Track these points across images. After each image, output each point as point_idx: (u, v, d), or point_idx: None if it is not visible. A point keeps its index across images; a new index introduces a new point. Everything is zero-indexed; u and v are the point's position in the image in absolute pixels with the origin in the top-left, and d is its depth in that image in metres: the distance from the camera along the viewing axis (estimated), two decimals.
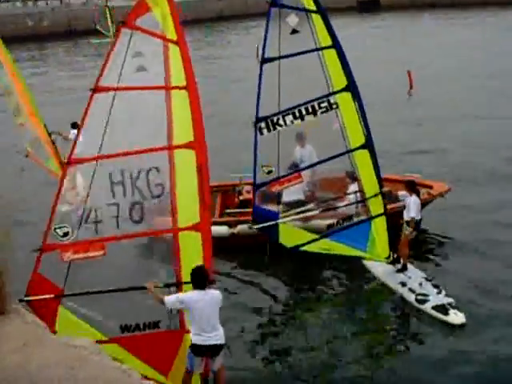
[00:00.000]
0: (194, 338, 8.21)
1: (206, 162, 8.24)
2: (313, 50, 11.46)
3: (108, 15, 57.06)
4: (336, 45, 11.50)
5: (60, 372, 6.74)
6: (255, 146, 11.67)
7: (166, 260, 8.71)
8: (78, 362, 7.04)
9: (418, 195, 12.50)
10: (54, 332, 8.27)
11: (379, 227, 12.22)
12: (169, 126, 8.22)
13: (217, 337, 8.19)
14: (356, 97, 11.59)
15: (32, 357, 6.99)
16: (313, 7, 11.28)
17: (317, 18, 11.33)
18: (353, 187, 12.74)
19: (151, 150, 8.22)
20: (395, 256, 12.50)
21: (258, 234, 12.31)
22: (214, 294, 8.23)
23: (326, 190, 12.98)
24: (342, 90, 11.57)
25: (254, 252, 12.72)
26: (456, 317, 10.99)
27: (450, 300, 11.40)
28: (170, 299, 8.19)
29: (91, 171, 8.10)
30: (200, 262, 8.29)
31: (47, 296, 8.30)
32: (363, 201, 12.17)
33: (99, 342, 8.28)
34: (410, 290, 11.86)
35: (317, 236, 12.20)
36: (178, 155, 8.21)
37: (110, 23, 56.92)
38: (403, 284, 12.08)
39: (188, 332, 8.42)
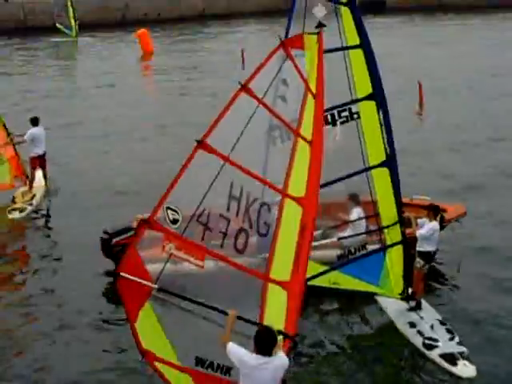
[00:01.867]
0: None
1: (313, 223, 8.16)
2: (338, 49, 10.87)
3: (70, 11, 57.41)
4: (365, 45, 10.88)
5: None
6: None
7: (255, 300, 8.32)
8: None
9: (442, 222, 12.31)
10: (135, 321, 7.82)
11: (395, 258, 11.77)
12: (288, 173, 8.28)
13: None
14: (382, 107, 11.04)
15: None
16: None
17: (346, 12, 10.74)
18: (356, 212, 12.32)
19: (274, 188, 8.26)
20: (410, 292, 12.16)
21: None
22: (278, 363, 7.39)
23: (325, 216, 12.26)
24: (367, 97, 11.03)
25: None
26: (466, 368, 10.67)
27: (463, 349, 11.08)
28: (232, 348, 7.52)
29: (216, 168, 7.74)
30: (282, 322, 7.88)
31: (148, 283, 7.75)
32: (381, 229, 11.66)
33: (169, 364, 7.97)
34: (419, 332, 11.60)
35: (325, 268, 11.50)
36: (287, 205, 8.22)
37: (72, 20, 57.17)
38: (412, 325, 11.83)
39: None
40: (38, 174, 19.13)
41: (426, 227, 11.97)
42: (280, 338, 7.75)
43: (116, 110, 31.28)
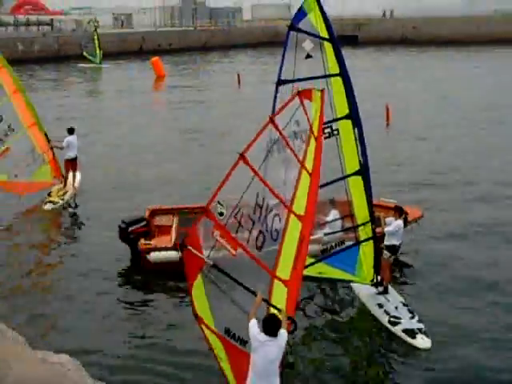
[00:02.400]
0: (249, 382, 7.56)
1: (308, 236, 8.80)
2: (322, 77, 10.85)
3: (96, 42, 57.48)
4: (343, 73, 10.92)
5: None
6: None
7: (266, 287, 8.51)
8: (55, 377, 6.66)
9: (406, 221, 12.11)
10: (191, 289, 8.13)
11: (367, 251, 11.77)
12: (294, 192, 8.77)
13: (272, 381, 7.56)
14: (356, 125, 11.03)
15: (10, 371, 6.57)
16: (326, 35, 10.72)
17: (328, 46, 10.78)
18: (333, 213, 12.17)
19: (284, 203, 8.62)
20: (379, 279, 12.12)
21: None
22: (282, 338, 7.57)
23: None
24: (344, 117, 11.03)
25: None
26: (422, 341, 10.77)
27: (421, 326, 11.12)
28: (253, 324, 7.68)
29: (249, 178, 8.05)
30: (283, 307, 8.30)
31: (205, 258, 8.01)
32: (356, 227, 11.64)
33: (207, 327, 8.32)
34: (385, 311, 11.58)
35: (313, 260, 11.51)
36: (292, 220, 8.64)
37: (97, 49, 57.30)
38: (380, 306, 11.78)
39: None
40: (71, 175, 19.23)
41: (393, 225, 11.93)
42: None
43: (131, 121, 31.44)
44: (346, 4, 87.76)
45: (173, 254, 13.03)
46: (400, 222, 11.96)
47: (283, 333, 7.64)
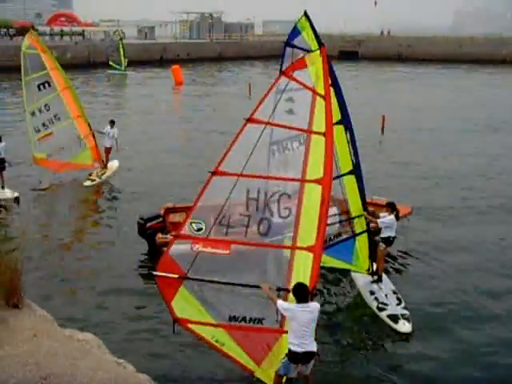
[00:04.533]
0: (292, 346, 7.65)
1: (329, 197, 8.16)
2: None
3: (121, 51, 57.53)
4: (335, 84, 10.72)
5: (64, 361, 6.52)
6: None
7: (280, 268, 8.38)
8: (80, 353, 6.80)
9: (397, 215, 12.02)
10: (169, 303, 8.33)
11: (362, 243, 11.74)
12: (304, 162, 8.22)
13: (312, 344, 7.69)
14: (348, 129, 11.04)
15: (41, 347, 6.76)
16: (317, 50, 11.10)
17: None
18: (332, 210, 11.81)
19: (291, 179, 8.27)
20: (374, 268, 12.08)
21: None
22: (314, 307, 7.76)
23: None
24: (336, 123, 10.80)
25: None
26: (403, 326, 10.76)
27: (405, 312, 11.08)
28: (280, 303, 7.77)
29: (232, 184, 7.89)
30: (307, 278, 7.92)
31: (174, 276, 8.18)
32: (349, 219, 11.67)
33: (204, 323, 8.32)
34: (376, 298, 11.58)
35: None
36: (308, 187, 8.13)
37: (122, 58, 57.39)
38: (372, 293, 11.78)
39: (284, 333, 8.10)
40: (110, 161, 20.62)
41: (387, 218, 11.90)
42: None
43: (152, 121, 31.70)
44: (348, 22, 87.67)
45: (188, 248, 13.04)
46: (393, 217, 11.92)
47: (315, 303, 7.87)
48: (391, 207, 12.06)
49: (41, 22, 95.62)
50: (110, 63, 57.32)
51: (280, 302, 7.82)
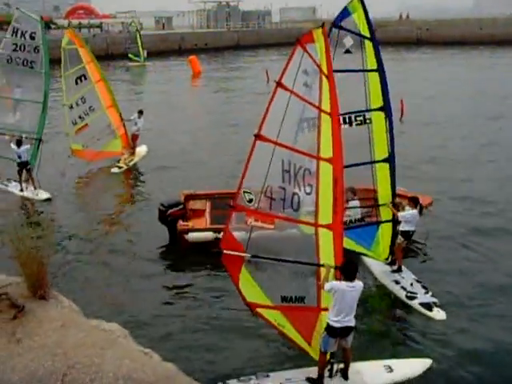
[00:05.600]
0: (332, 322, 7.87)
1: (341, 176, 8.05)
2: (361, 71, 10.88)
3: (139, 42, 57.65)
4: (380, 69, 10.89)
5: (91, 351, 6.52)
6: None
7: (311, 247, 8.34)
8: (107, 343, 6.81)
9: (421, 210, 11.96)
10: (238, 286, 8.28)
11: (385, 232, 11.72)
12: (318, 140, 8.07)
13: (351, 319, 7.92)
14: (388, 118, 11.03)
15: (68, 337, 6.80)
16: (367, 34, 10.78)
17: (369, 44, 10.81)
18: (353, 203, 11.94)
19: (310, 155, 8.10)
20: (393, 258, 12.07)
21: None
22: (359, 286, 7.95)
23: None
24: (378, 109, 11.01)
25: None
26: (438, 313, 10.76)
27: (435, 300, 11.09)
28: (327, 285, 7.89)
29: (270, 152, 7.82)
30: (331, 255, 8.07)
31: (243, 254, 8.09)
32: (374, 206, 11.67)
33: (266, 306, 8.40)
34: (402, 287, 11.51)
35: None
36: (322, 166, 8.05)
37: (140, 49, 57.54)
38: (397, 282, 11.70)
39: (323, 310, 8.30)
40: (138, 147, 21.65)
41: (410, 213, 11.79)
42: (333, 270, 8.08)
43: (172, 108, 32.47)
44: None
45: (209, 235, 13.11)
46: (415, 211, 11.82)
47: (360, 282, 8.01)
48: (414, 202, 12.00)
49: (59, 15, 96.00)
50: (130, 56, 57.52)
51: (329, 283, 7.89)
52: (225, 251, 8.10)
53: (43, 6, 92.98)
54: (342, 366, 8.59)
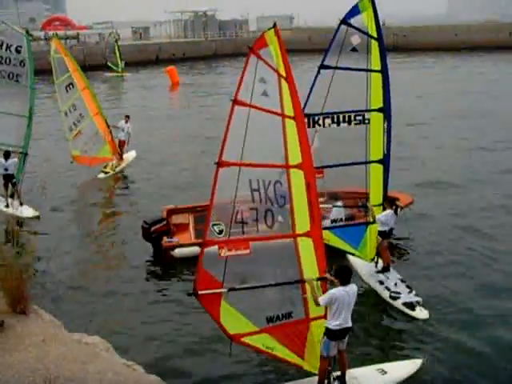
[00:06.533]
0: (332, 326, 7.94)
1: (314, 181, 7.88)
2: (364, 70, 10.83)
3: (117, 52, 57.42)
4: (384, 71, 10.86)
5: (73, 365, 6.42)
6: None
7: (291, 259, 8.17)
8: (89, 357, 6.86)
9: (396, 210, 12.00)
10: (219, 321, 7.94)
11: (373, 232, 11.74)
12: (285, 147, 7.82)
13: (348, 320, 8.01)
14: (387, 119, 11.02)
15: (49, 351, 6.69)
16: (375, 35, 10.74)
17: (375, 45, 10.78)
18: (339, 205, 12.00)
19: (278, 166, 7.88)
20: (378, 259, 12.19)
21: None
22: (354, 289, 8.03)
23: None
24: (377, 109, 10.99)
25: None
26: (421, 313, 10.84)
27: (418, 299, 11.16)
28: (324, 299, 7.88)
29: (235, 175, 7.49)
30: (314, 263, 7.96)
31: (219, 290, 7.79)
32: (366, 206, 11.71)
33: (251, 333, 8.11)
34: (386, 288, 11.60)
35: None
36: (293, 173, 7.86)
37: (118, 59, 57.29)
38: (381, 282, 11.82)
39: (311, 320, 8.29)
40: (127, 152, 22.05)
41: (383, 214, 11.85)
42: (318, 282, 8.03)
43: (151, 117, 32.43)
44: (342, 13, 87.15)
45: (195, 249, 13.04)
46: (390, 212, 11.91)
47: (354, 285, 8.09)
48: (389, 202, 12.09)
49: (35, 26, 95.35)
50: (109, 64, 57.29)
51: (322, 298, 7.90)
52: (200, 292, 7.79)
53: (18, 17, 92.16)
54: (338, 373, 8.58)
